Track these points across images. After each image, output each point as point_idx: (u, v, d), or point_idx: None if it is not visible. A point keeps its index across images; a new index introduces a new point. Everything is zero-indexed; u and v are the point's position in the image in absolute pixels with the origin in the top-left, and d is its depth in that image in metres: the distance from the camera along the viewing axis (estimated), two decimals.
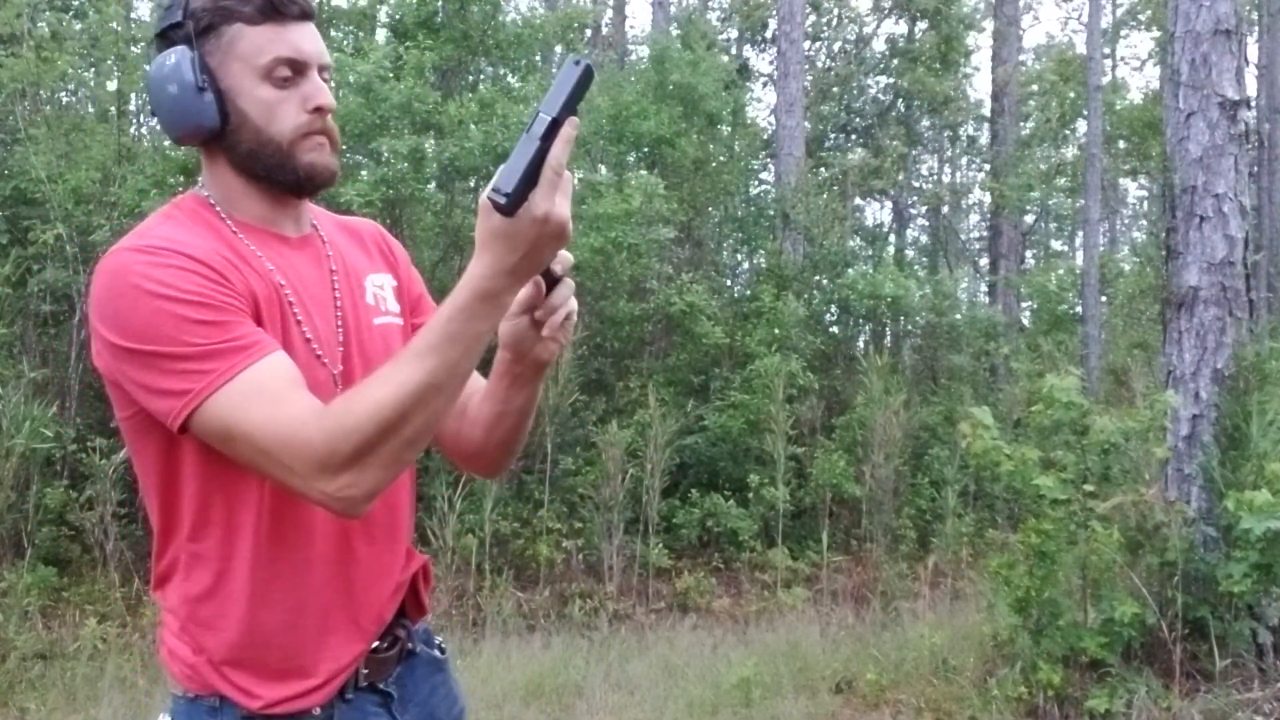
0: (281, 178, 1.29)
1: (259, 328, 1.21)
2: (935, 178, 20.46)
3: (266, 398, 1.14)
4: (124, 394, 1.22)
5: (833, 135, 17.01)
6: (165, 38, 1.28)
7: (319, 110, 1.28)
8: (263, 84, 1.26)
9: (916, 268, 16.54)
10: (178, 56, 1.25)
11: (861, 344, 11.04)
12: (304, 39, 1.28)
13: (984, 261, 18.13)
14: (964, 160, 20.47)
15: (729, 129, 11.71)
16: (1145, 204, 20.07)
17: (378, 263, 1.47)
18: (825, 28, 17.54)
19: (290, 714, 1.27)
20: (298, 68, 1.27)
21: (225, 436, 1.16)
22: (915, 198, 18.62)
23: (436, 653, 1.48)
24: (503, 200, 1.07)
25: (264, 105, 1.26)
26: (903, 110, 17.02)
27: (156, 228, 1.25)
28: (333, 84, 1.37)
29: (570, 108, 1.10)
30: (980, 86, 22.62)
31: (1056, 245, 20.93)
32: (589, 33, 14.61)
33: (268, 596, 1.26)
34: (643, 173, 8.84)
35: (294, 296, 1.29)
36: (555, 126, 1.09)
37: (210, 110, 1.25)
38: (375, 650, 1.35)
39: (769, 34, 16.20)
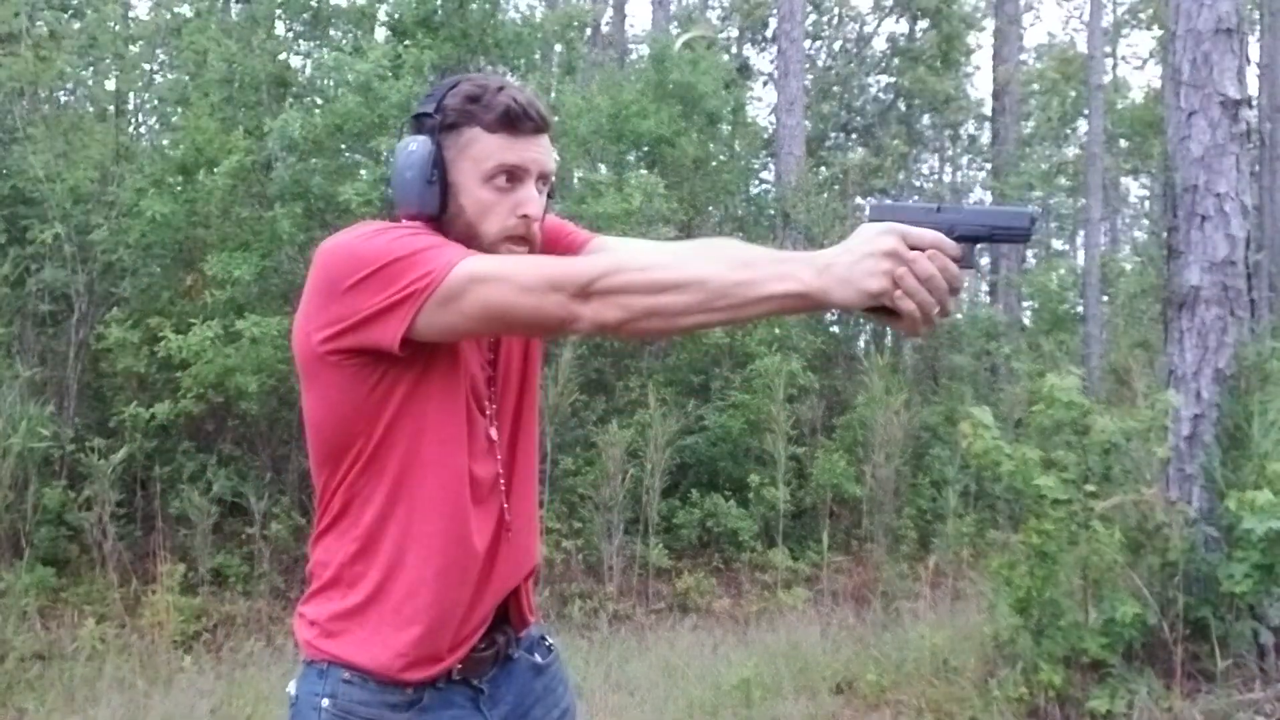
0: None
1: None
2: (936, 177, 20.46)
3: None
4: (341, 354, 1.36)
5: (833, 134, 16.99)
6: (417, 121, 1.46)
7: (525, 218, 1.44)
8: (483, 186, 1.43)
9: None
10: (419, 146, 1.43)
11: (862, 343, 11.03)
12: (530, 150, 1.44)
13: (984, 261, 18.11)
14: (965, 159, 20.46)
15: (729, 128, 11.69)
16: (1146, 203, 20.06)
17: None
18: (825, 26, 17.55)
19: (384, 681, 1.42)
20: (516, 175, 1.43)
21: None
22: (916, 197, 18.60)
23: (538, 658, 1.63)
24: (876, 202, 1.21)
25: (480, 205, 1.43)
26: (903, 109, 17.01)
27: None
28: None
29: (980, 238, 1.23)
30: (981, 85, 22.61)
31: (1057, 244, 20.88)
32: (589, 32, 14.59)
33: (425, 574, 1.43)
34: (642, 172, 8.82)
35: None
36: (970, 239, 1.22)
37: (433, 200, 1.43)
38: (473, 649, 1.49)
39: (769, 33, 16.19)
